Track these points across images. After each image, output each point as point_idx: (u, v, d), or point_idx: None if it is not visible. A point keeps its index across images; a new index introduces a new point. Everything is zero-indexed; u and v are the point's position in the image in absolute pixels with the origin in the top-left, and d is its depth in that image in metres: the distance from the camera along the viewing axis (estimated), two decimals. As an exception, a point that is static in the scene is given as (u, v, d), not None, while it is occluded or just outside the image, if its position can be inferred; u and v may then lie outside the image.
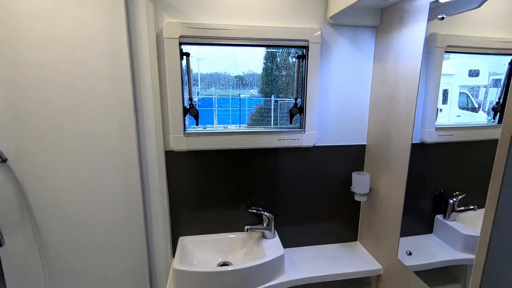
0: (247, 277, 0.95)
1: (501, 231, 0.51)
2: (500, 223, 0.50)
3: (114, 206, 1.02)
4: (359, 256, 1.17)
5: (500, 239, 0.51)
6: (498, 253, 0.52)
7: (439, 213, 0.92)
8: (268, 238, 1.12)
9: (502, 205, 0.50)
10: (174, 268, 0.93)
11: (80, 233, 1.02)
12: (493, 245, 0.51)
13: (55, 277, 1.02)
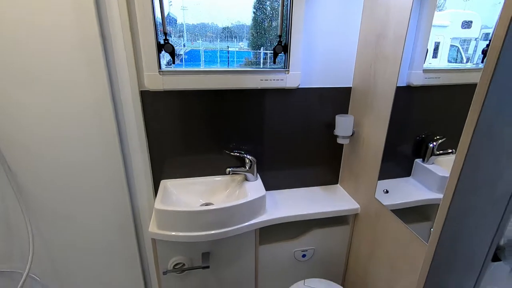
0: (228, 216, 0.97)
1: (468, 173, 0.51)
2: (469, 165, 0.50)
3: (90, 147, 0.98)
4: (338, 197, 1.21)
5: (465, 181, 0.52)
6: (464, 194, 0.52)
7: (419, 157, 0.93)
8: (251, 181, 1.13)
9: (473, 148, 0.49)
10: (155, 208, 0.93)
11: (59, 177, 0.99)
12: (460, 186, 0.51)
13: (38, 222, 1.02)
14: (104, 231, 1.08)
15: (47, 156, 0.96)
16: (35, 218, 1.01)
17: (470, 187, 0.49)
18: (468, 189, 0.49)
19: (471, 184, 0.49)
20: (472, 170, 0.48)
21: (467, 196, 0.50)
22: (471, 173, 0.48)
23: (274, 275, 1.20)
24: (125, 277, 1.16)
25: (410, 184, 0.96)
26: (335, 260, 1.24)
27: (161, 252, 1.01)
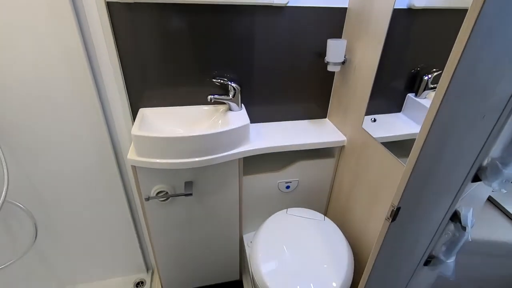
0: (210, 144, 0.93)
1: (450, 104, 0.45)
2: (463, 69, 0.44)
3: (55, 68, 0.89)
4: (326, 130, 1.18)
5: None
6: (452, 102, 0.48)
7: (412, 91, 0.88)
8: (234, 111, 1.08)
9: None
10: (132, 134, 0.89)
11: (29, 106, 0.92)
12: (450, 92, 0.46)
13: (13, 151, 0.98)
14: (83, 160, 1.05)
15: (14, 82, 0.87)
16: (8, 147, 0.97)
17: (460, 93, 0.44)
18: (457, 95, 0.44)
19: (461, 89, 0.44)
20: (466, 74, 0.43)
21: (456, 105, 0.46)
22: (463, 78, 0.43)
23: (258, 205, 1.23)
24: (110, 204, 1.17)
25: (399, 119, 0.92)
26: (318, 192, 1.26)
27: (143, 179, 1.00)
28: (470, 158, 0.59)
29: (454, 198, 0.66)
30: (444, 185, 0.60)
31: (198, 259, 1.28)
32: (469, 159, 0.59)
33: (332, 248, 1.01)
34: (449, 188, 0.63)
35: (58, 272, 1.30)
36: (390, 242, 0.61)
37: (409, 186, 0.53)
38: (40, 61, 0.87)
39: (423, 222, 0.65)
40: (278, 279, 0.90)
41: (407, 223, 0.61)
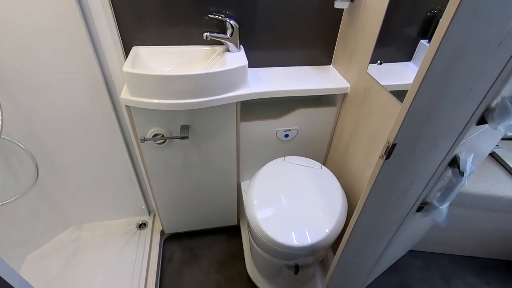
0: (205, 85, 0.89)
1: (461, 25, 0.39)
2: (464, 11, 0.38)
3: (41, 4, 0.83)
4: (329, 76, 1.12)
5: (453, 40, 0.41)
6: (447, 56, 0.42)
7: (425, 38, 0.79)
8: (233, 52, 1.02)
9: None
10: (124, 71, 0.85)
11: (20, 38, 0.87)
12: (444, 47, 0.41)
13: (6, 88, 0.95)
14: (78, 101, 1.03)
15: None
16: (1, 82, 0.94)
17: (474, 9, 0.39)
18: (471, 10, 0.38)
19: (476, 4, 0.38)
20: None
21: (467, 27, 0.41)
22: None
23: (256, 153, 1.22)
24: (108, 146, 1.17)
25: (408, 68, 0.85)
26: (318, 141, 1.24)
27: (139, 121, 0.98)
28: (478, 96, 0.55)
29: (455, 141, 0.63)
30: (445, 125, 0.57)
31: (196, 203, 1.31)
32: (476, 97, 0.55)
33: (327, 196, 1.02)
34: (450, 129, 0.59)
35: (63, 211, 1.36)
36: (383, 181, 0.60)
37: (406, 122, 0.50)
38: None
39: (419, 164, 0.63)
40: (274, 225, 0.92)
41: (402, 163, 0.59)
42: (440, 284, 1.38)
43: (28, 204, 1.22)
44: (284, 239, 0.88)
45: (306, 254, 0.92)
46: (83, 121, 1.08)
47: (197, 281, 1.33)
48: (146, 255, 1.34)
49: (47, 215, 1.31)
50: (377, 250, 0.90)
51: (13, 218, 1.19)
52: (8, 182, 1.12)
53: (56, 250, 1.36)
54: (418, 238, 1.34)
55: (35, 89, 0.97)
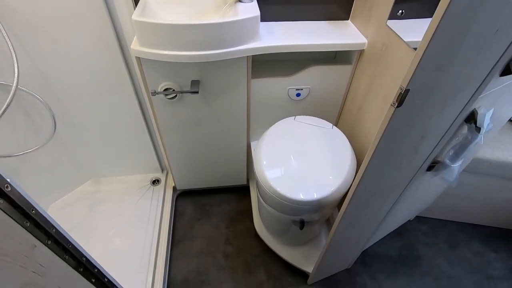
0: (215, 36, 0.87)
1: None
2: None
3: None
4: (346, 32, 1.06)
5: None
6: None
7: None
8: (244, 2, 0.97)
9: None
10: (133, 19, 0.84)
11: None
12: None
13: (21, 40, 0.96)
14: (89, 53, 1.03)
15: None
16: (14, 31, 0.94)
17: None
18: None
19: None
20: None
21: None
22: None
23: (266, 111, 1.21)
24: (120, 100, 1.18)
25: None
26: (331, 101, 1.21)
27: (149, 74, 0.98)
28: (505, 39, 0.51)
29: (474, 93, 0.59)
30: (465, 74, 0.54)
31: (207, 161, 1.34)
32: (504, 40, 0.51)
33: (337, 155, 1.01)
34: (470, 79, 0.56)
35: (82, 165, 1.43)
36: (394, 131, 0.58)
37: (421, 66, 0.47)
38: None
39: (433, 116, 0.60)
40: (282, 182, 0.93)
41: (414, 112, 0.56)
42: (445, 249, 1.39)
43: (49, 155, 1.28)
44: (292, 194, 0.90)
45: (312, 209, 0.94)
46: (95, 74, 1.09)
47: (208, 234, 1.40)
48: (159, 208, 1.40)
49: (67, 167, 1.38)
50: (383, 209, 0.91)
51: (36, 167, 1.26)
52: (29, 133, 1.17)
53: (77, 200, 1.45)
54: (426, 204, 1.33)
55: (49, 42, 0.98)
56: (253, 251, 1.34)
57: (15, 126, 1.12)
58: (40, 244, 0.38)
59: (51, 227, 0.39)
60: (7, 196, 0.33)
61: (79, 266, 0.47)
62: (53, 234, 0.40)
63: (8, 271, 0.33)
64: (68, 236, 0.44)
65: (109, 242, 1.29)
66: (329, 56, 1.19)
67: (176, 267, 1.29)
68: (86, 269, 0.49)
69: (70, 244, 0.44)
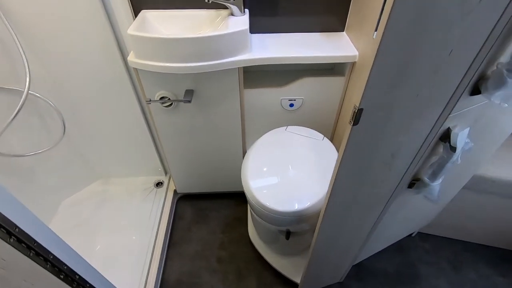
0: (205, 49, 0.91)
1: None
2: None
3: None
4: (338, 44, 1.06)
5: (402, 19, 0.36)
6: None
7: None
8: (236, 16, 1.00)
9: None
10: (128, 34, 0.90)
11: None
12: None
13: (31, 46, 1.06)
14: (96, 62, 1.10)
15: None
16: (28, 41, 1.04)
17: None
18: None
19: None
20: None
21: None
22: None
23: (261, 121, 1.23)
24: (125, 107, 1.26)
25: None
26: (325, 112, 1.21)
27: (146, 83, 1.04)
28: (463, 61, 0.50)
29: (442, 112, 0.58)
30: (425, 93, 0.53)
31: (205, 166, 1.38)
32: (461, 62, 0.50)
33: (324, 167, 1.01)
34: (434, 98, 0.55)
35: (91, 166, 1.53)
36: (355, 149, 0.59)
37: (371, 85, 0.47)
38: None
39: (401, 135, 0.60)
40: (265, 191, 0.94)
41: (376, 131, 0.56)
42: (447, 270, 1.33)
43: (60, 155, 1.38)
44: (273, 205, 0.91)
45: (293, 220, 0.94)
46: (101, 82, 1.17)
47: (204, 238, 1.43)
48: (159, 210, 1.47)
49: (78, 167, 1.49)
50: (367, 222, 0.89)
51: (49, 166, 1.37)
52: (42, 135, 1.28)
53: (86, 198, 1.55)
54: (426, 220, 1.28)
55: (60, 52, 1.06)
56: (246, 257, 1.36)
57: (29, 127, 1.23)
58: (1, 242, 0.43)
59: (13, 227, 0.44)
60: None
61: (45, 263, 0.52)
62: (14, 233, 0.45)
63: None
64: (34, 235, 0.49)
65: (109, 240, 1.36)
66: (327, 67, 1.20)
67: (171, 268, 1.33)
68: (53, 265, 0.54)
69: (35, 242, 0.49)
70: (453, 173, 0.76)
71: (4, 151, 1.11)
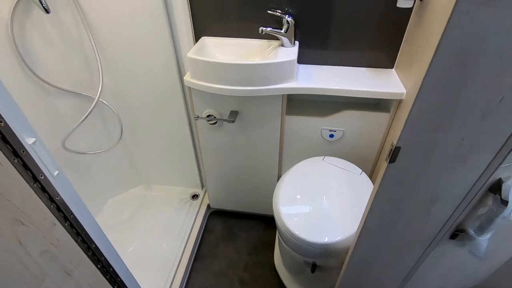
0: (254, 75, 0.98)
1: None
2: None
3: (137, 10, 1.05)
4: (386, 81, 1.05)
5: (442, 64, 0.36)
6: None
7: None
8: (286, 47, 1.06)
9: None
10: (187, 57, 1.00)
11: (115, 25, 1.12)
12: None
13: (109, 61, 1.23)
14: (156, 78, 1.24)
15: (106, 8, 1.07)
16: (105, 56, 1.21)
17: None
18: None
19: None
20: None
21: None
22: None
23: (299, 147, 1.24)
24: (175, 121, 1.37)
25: None
26: (366, 147, 1.18)
27: (197, 101, 1.14)
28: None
29: (492, 160, 0.55)
30: (470, 139, 0.51)
31: (240, 185, 1.42)
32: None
33: (358, 202, 0.98)
34: (483, 145, 0.52)
35: (139, 170, 1.66)
36: (390, 187, 0.57)
37: (410, 125, 0.47)
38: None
39: (442, 179, 0.57)
40: (294, 219, 0.94)
41: (413, 171, 0.55)
42: None
43: (114, 157, 1.53)
44: (302, 234, 0.90)
45: (322, 253, 0.91)
46: (158, 96, 1.30)
47: (230, 256, 1.44)
48: (192, 221, 1.52)
49: (126, 170, 1.63)
50: (399, 269, 0.83)
51: (103, 166, 1.52)
52: (103, 137, 1.44)
53: (129, 200, 1.67)
54: (472, 279, 1.14)
55: (129, 66, 1.22)
56: (268, 283, 1.33)
57: (94, 129, 1.39)
58: (59, 224, 0.50)
59: (69, 213, 0.51)
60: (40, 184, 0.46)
61: (88, 250, 0.58)
62: (70, 219, 0.51)
63: (33, 236, 0.45)
64: (84, 223, 0.55)
65: (142, 243, 1.44)
66: (371, 102, 1.19)
67: (194, 280, 1.36)
68: (94, 254, 0.60)
69: (84, 231, 0.55)
70: (505, 229, 0.69)
71: (71, 147, 1.27)
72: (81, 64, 1.21)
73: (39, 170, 0.45)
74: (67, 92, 1.23)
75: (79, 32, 1.14)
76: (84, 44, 1.16)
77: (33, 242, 0.45)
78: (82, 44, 1.16)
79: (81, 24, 1.11)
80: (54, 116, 1.24)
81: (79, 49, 1.17)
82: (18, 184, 0.41)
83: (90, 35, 1.11)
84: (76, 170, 1.42)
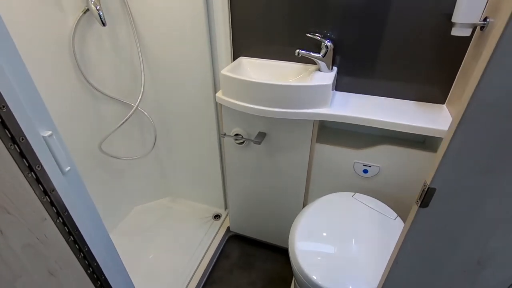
0: (285, 96, 0.94)
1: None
2: None
3: (183, 28, 1.11)
4: (435, 116, 0.93)
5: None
6: None
7: None
8: (323, 72, 1.01)
9: None
10: (221, 73, 1.01)
11: (161, 38, 1.19)
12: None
13: (152, 72, 1.30)
14: (192, 92, 1.27)
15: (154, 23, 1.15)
16: (150, 68, 1.29)
17: None
18: None
19: None
20: None
21: None
22: None
23: (328, 178, 1.14)
24: (205, 134, 1.38)
25: None
26: (405, 189, 1.04)
27: (226, 119, 1.13)
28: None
29: None
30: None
31: (262, 211, 1.34)
32: None
33: (388, 250, 0.84)
34: None
35: (167, 182, 1.69)
36: (421, 238, 0.46)
37: (449, 163, 0.38)
38: (172, 18, 1.10)
39: (492, 239, 0.45)
40: (309, 259, 0.83)
41: (453, 223, 0.44)
42: None
43: (146, 166, 1.58)
44: (319, 279, 0.79)
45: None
46: (193, 110, 1.33)
47: (242, 286, 1.34)
48: (209, 242, 1.47)
49: (155, 180, 1.66)
50: None
51: (135, 172, 1.57)
52: (138, 144, 1.50)
53: (154, 209, 1.69)
54: None
55: (169, 79, 1.28)
56: (278, 327, 1.19)
57: (130, 136, 1.46)
58: (49, 219, 0.49)
59: (64, 210, 0.50)
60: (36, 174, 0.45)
61: (79, 252, 0.56)
62: (63, 215, 0.50)
63: (17, 227, 0.44)
64: (79, 224, 0.54)
65: (157, 255, 1.42)
66: (417, 139, 1.06)
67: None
68: (85, 258, 0.57)
69: (77, 230, 0.54)
70: None
71: (108, 151, 1.34)
72: (127, 74, 1.29)
73: (36, 160, 0.44)
74: (112, 99, 1.31)
75: (130, 45, 1.23)
76: (133, 56, 1.25)
77: (16, 233, 0.44)
78: (131, 56, 1.25)
79: (132, 38, 1.20)
80: (97, 119, 1.32)
81: (128, 60, 1.26)
82: (9, 171, 0.41)
83: (139, 48, 1.19)
84: (109, 173, 1.48)
